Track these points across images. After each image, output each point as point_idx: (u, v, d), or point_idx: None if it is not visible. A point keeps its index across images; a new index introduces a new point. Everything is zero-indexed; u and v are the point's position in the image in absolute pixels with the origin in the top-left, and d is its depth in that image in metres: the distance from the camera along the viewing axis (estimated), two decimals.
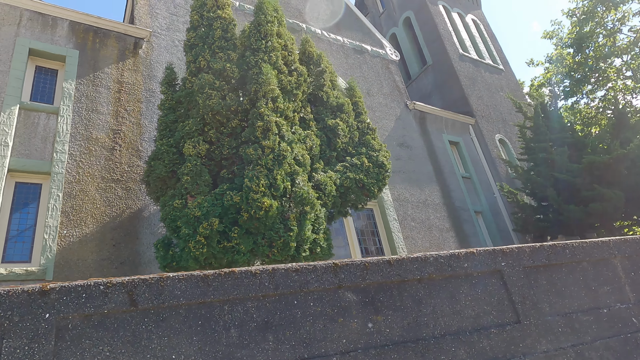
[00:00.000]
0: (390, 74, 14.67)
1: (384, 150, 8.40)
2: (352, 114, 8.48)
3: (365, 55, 14.43)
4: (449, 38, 17.72)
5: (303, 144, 7.01)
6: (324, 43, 13.43)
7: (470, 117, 15.59)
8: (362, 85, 13.34)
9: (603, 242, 3.73)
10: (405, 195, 11.88)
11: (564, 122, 11.21)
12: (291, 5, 13.54)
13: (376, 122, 12.80)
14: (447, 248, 11.62)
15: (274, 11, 7.77)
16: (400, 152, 12.73)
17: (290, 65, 7.40)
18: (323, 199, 6.86)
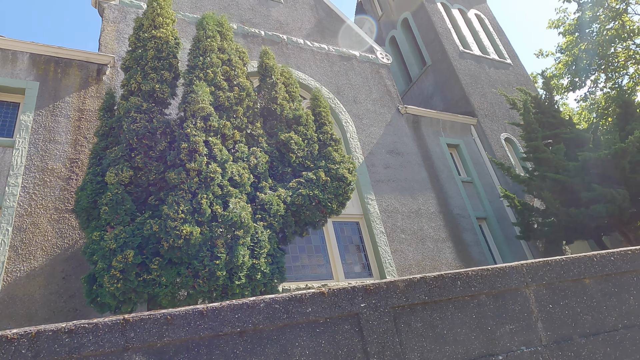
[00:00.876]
0: (381, 79, 14.07)
1: (348, 162, 7.85)
2: (312, 126, 8.01)
3: (353, 61, 13.93)
4: (448, 36, 16.91)
5: (245, 162, 6.61)
6: (307, 53, 13.06)
7: (471, 117, 14.69)
8: (348, 93, 12.85)
9: (512, 268, 3.06)
10: (394, 205, 11.19)
11: (561, 117, 10.17)
12: (271, 18, 13.30)
13: (363, 129, 12.24)
14: (443, 260, 10.81)
15: (218, 25, 7.48)
16: (389, 159, 12.07)
17: (233, 80, 7.04)
18: (268, 219, 6.41)
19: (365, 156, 11.71)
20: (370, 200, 10.89)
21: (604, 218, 8.49)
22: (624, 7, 11.88)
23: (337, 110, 12.20)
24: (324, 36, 14.03)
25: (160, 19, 6.96)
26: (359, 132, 12.13)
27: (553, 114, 10.18)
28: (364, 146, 11.92)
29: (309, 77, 12.46)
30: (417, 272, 10.29)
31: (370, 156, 11.81)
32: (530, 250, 12.42)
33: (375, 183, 11.33)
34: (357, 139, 11.90)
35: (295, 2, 14.39)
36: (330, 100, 12.29)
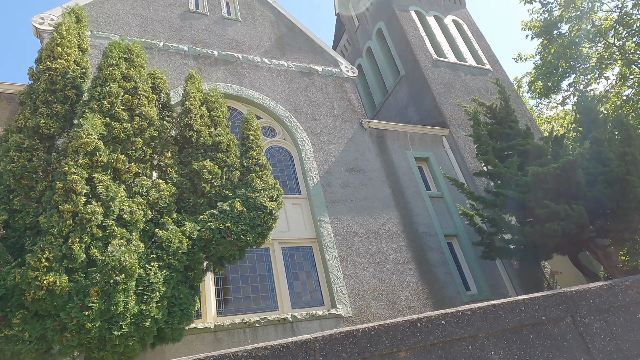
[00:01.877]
0: (345, 93, 13.58)
1: (272, 189, 7.36)
2: (234, 151, 7.57)
3: (314, 76, 13.49)
4: (421, 45, 16.36)
5: (145, 196, 6.18)
6: (263, 70, 12.68)
7: (442, 127, 14.04)
8: (306, 110, 12.40)
9: (300, 343, 2.49)
10: (351, 227, 10.60)
11: (518, 127, 9.44)
12: (227, 37, 12.99)
13: (321, 147, 11.73)
14: (404, 283, 10.14)
15: (125, 52, 7.13)
16: (349, 178, 11.51)
17: (135, 109, 6.65)
18: (166, 259, 5.94)
19: (322, 176, 11.19)
20: (323, 223, 10.34)
21: (561, 237, 7.75)
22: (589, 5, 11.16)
23: (292, 128, 11.75)
24: (284, 52, 13.65)
25: (59, 49, 6.65)
26: (316, 150, 11.63)
27: (510, 124, 9.48)
28: (321, 165, 11.40)
29: (264, 95, 12.07)
30: (373, 298, 9.66)
31: (327, 175, 11.28)
32: (505, 269, 11.63)
33: (330, 204, 10.77)
34: (313, 158, 11.40)
35: (255, 19, 14.09)
36: (286, 118, 11.86)
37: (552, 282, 11.81)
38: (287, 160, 11.54)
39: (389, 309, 9.66)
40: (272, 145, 11.63)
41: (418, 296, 10.13)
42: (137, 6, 12.20)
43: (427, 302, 10.11)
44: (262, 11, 14.49)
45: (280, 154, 11.58)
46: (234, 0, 14.23)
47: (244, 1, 14.43)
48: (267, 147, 11.49)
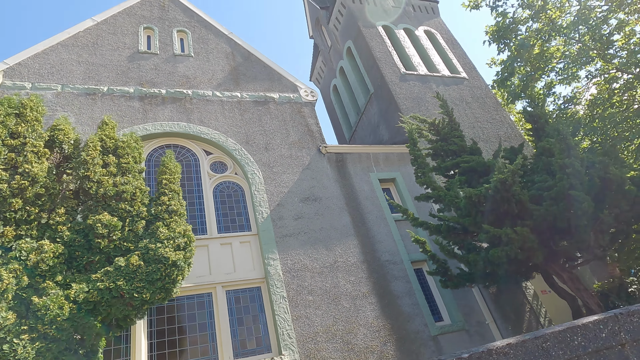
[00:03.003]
0: (303, 118, 13.10)
1: (181, 237, 6.85)
2: (140, 199, 7.12)
3: (270, 104, 13.09)
4: (388, 60, 15.80)
5: (22, 261, 5.77)
6: (214, 104, 12.37)
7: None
8: (259, 140, 11.95)
9: None
10: (303, 262, 9.94)
11: (462, 143, 8.62)
12: (177, 74, 12.79)
13: (273, 179, 11.21)
14: (362, 320, 9.35)
15: (16, 108, 6.87)
16: (303, 209, 10.90)
17: (20, 167, 6.31)
18: (41, 329, 5.46)
19: (272, 209, 10.63)
20: (272, 261, 9.72)
21: (510, 263, 6.88)
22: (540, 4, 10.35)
23: (243, 162, 11.29)
24: (239, 83, 13.34)
25: None
26: (268, 182, 11.11)
27: (454, 140, 8.70)
28: (272, 198, 10.86)
29: (214, 130, 11.71)
30: (325, 340, 8.90)
31: (279, 208, 10.71)
32: (481, 294, 10.66)
33: (281, 239, 10.17)
34: (263, 191, 10.88)
35: (209, 53, 13.90)
36: (236, 151, 11.43)
37: (535, 304, 10.74)
38: (237, 196, 11.05)
39: (343, 350, 8.87)
40: (223, 180, 11.19)
41: (378, 333, 9.30)
42: (83, 53, 12.18)
43: (388, 340, 9.26)
44: (216, 44, 14.32)
45: (231, 189, 11.11)
46: (188, 36, 14.12)
47: (199, 36, 14.31)
48: (217, 182, 11.06)
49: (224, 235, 10.06)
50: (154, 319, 8.54)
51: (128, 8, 14.09)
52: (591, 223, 6.73)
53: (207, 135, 11.53)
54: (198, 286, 9.10)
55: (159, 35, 13.68)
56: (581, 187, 6.52)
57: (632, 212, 6.69)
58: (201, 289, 9.15)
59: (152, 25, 13.89)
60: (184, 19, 14.62)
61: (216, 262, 9.57)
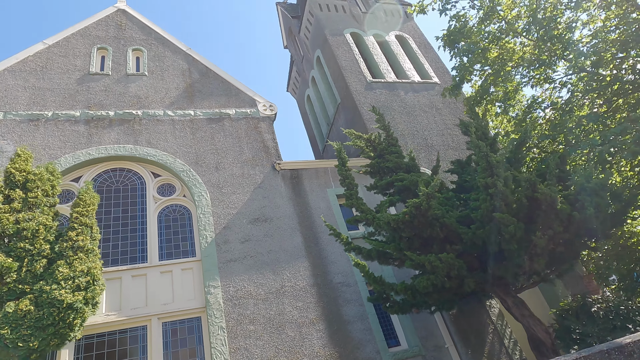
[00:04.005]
0: (259, 134, 12.65)
1: (82, 276, 6.43)
2: (44, 236, 6.73)
3: (225, 121, 12.68)
4: (354, 68, 15.30)
5: None
6: (165, 124, 12.00)
7: None
8: (209, 160, 11.53)
9: None
10: (247, 288, 9.45)
11: (398, 159, 7.99)
12: (129, 94, 12.47)
13: (221, 200, 10.76)
14: (307, 350, 8.80)
15: None
16: (251, 230, 10.42)
17: None
18: None
19: (218, 232, 10.18)
20: (212, 289, 9.26)
21: (442, 291, 6.29)
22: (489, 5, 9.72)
23: (190, 183, 10.88)
24: (193, 100, 12.97)
25: None
26: (215, 204, 10.67)
27: (389, 157, 8.11)
28: (219, 220, 10.40)
29: (162, 151, 11.33)
30: None
31: (225, 231, 10.25)
32: (441, 315, 10.02)
33: (225, 264, 9.70)
34: (210, 214, 10.44)
35: (165, 70, 13.58)
36: (184, 173, 11.03)
37: (500, 325, 10.06)
38: (184, 219, 10.63)
39: None
40: (170, 204, 10.79)
41: None
42: (30, 78, 11.94)
43: None
44: (173, 61, 13.99)
45: (177, 213, 10.70)
46: (144, 55, 13.82)
47: (155, 54, 14.01)
48: (164, 206, 10.66)
49: (165, 262, 9.63)
50: (81, 357, 8.12)
51: (83, 29, 13.87)
52: (524, 246, 6.12)
53: (154, 157, 11.15)
54: (132, 319, 8.66)
55: (113, 55, 13.41)
56: (508, 208, 5.92)
57: (568, 234, 6.06)
58: (135, 321, 8.71)
59: (107, 46, 13.62)
60: (140, 37, 14.34)
61: (154, 292, 9.13)
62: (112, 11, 14.86)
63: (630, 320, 8.01)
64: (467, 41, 9.48)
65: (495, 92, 10.61)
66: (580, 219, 5.87)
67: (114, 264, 9.37)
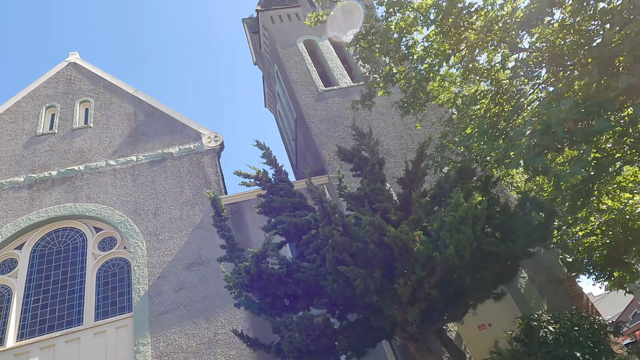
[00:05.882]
0: (202, 170, 12.31)
1: None
2: None
3: (167, 161, 12.46)
4: (305, 80, 14.57)
5: None
6: (106, 175, 11.98)
7: (320, 175, 12.01)
8: (149, 206, 11.36)
9: None
10: (178, 342, 9.12)
11: (293, 199, 7.06)
12: (73, 150, 12.59)
13: (158, 248, 10.54)
14: None
15: None
16: (187, 277, 10.10)
17: None
18: None
19: (152, 284, 9.95)
20: (142, 347, 9.03)
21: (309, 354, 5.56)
22: None
23: (128, 234, 10.76)
24: (137, 145, 12.87)
25: None
26: (151, 253, 10.46)
27: (274, 197, 7.33)
28: (154, 271, 10.18)
29: (102, 204, 11.31)
30: None
31: (159, 282, 10.01)
32: (393, 351, 9.16)
33: (156, 318, 9.45)
34: (144, 265, 10.24)
35: (110, 118, 13.61)
36: (122, 224, 10.92)
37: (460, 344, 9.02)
38: (123, 273, 10.52)
39: None
40: (110, 258, 10.73)
41: None
42: None
43: None
44: (119, 106, 14.00)
45: (117, 267, 10.61)
46: (91, 105, 13.95)
47: (102, 102, 14.09)
48: (105, 261, 10.63)
49: (100, 322, 9.54)
50: None
51: (33, 90, 14.24)
52: (389, 296, 5.26)
53: (93, 212, 11.15)
54: None
55: (61, 112, 13.64)
56: (358, 258, 5.09)
57: (437, 278, 5.12)
58: None
59: (55, 103, 13.89)
60: (89, 88, 14.51)
61: (86, 356, 9.06)
62: (63, 66, 15.16)
63: (580, 347, 6.82)
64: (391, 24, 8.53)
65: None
66: (443, 260, 4.92)
67: (49, 331, 9.41)
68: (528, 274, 10.19)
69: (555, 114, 5.00)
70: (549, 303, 9.69)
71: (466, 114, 9.06)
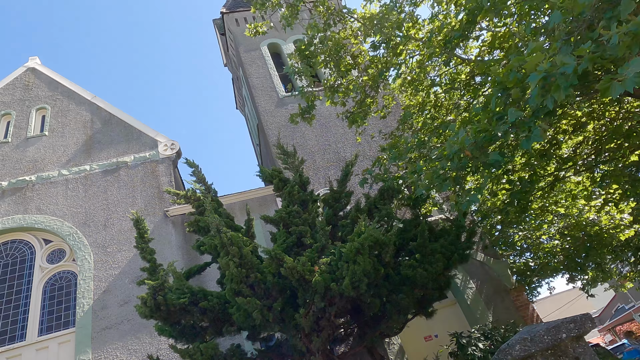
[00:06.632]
0: (155, 179, 12.18)
1: None
2: None
3: (121, 171, 12.32)
4: (266, 85, 14.42)
5: None
6: (58, 186, 11.83)
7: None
8: (99, 217, 11.24)
9: None
10: (120, 358, 9.05)
11: (208, 218, 6.98)
12: (26, 159, 12.42)
13: (105, 261, 10.43)
14: None
15: None
16: (132, 291, 10.02)
17: None
18: None
19: (97, 298, 9.87)
20: None
21: None
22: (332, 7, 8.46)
23: (76, 247, 10.65)
24: (91, 154, 12.70)
25: None
26: (98, 266, 10.36)
27: (200, 217, 7.25)
28: (100, 284, 10.09)
29: (51, 215, 11.17)
30: None
31: (105, 295, 9.92)
32: None
33: (99, 333, 9.38)
34: (91, 278, 10.15)
35: (65, 126, 13.42)
36: (70, 236, 10.81)
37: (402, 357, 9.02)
38: (70, 287, 10.42)
39: None
40: (58, 271, 10.63)
41: None
42: None
43: None
44: (77, 113, 13.80)
45: (64, 280, 10.51)
46: (48, 112, 13.75)
47: (59, 109, 13.89)
48: (52, 274, 10.53)
49: (43, 338, 9.47)
50: None
51: None
52: (292, 326, 5.20)
53: (42, 223, 11.02)
54: None
55: (16, 120, 13.43)
56: (258, 288, 5.01)
57: (340, 307, 5.06)
58: None
59: (11, 110, 13.68)
60: (46, 94, 14.29)
61: None
62: (21, 72, 14.91)
63: None
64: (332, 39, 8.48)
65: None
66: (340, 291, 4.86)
67: None
68: (476, 284, 10.18)
69: (451, 143, 4.94)
70: (495, 314, 9.69)
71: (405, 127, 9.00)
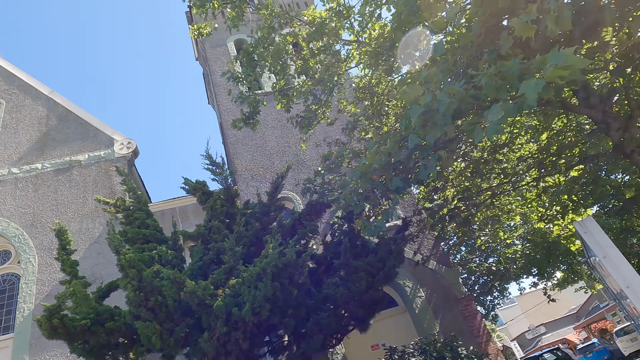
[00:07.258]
0: (109, 179, 11.89)
1: None
2: None
3: (74, 170, 12.01)
4: (229, 82, 14.09)
5: None
6: (7, 185, 11.50)
7: None
8: (47, 219, 10.96)
9: None
10: None
11: (139, 231, 6.75)
12: None
13: (50, 264, 10.20)
14: None
15: None
16: None
17: None
18: None
19: (38, 303, 9.64)
20: None
21: None
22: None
23: (20, 249, 10.39)
24: (44, 151, 12.36)
25: None
26: (42, 270, 10.13)
27: (128, 228, 6.98)
28: (43, 289, 9.86)
29: None
30: None
31: (47, 300, 9.67)
32: None
33: (38, 340, 9.15)
34: (34, 282, 9.91)
35: (20, 122, 13.03)
36: (16, 238, 10.53)
37: None
38: (13, 290, 10.19)
39: None
40: (2, 273, 10.38)
41: None
42: None
43: None
44: (32, 109, 13.41)
45: (7, 283, 10.27)
46: (2, 107, 13.34)
47: (14, 104, 13.47)
48: None
49: None
50: None
51: None
52: (198, 349, 5.04)
53: None
54: None
55: None
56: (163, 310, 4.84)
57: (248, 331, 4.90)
58: None
59: None
60: (2, 88, 13.85)
61: None
62: None
63: None
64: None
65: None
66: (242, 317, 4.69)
67: None
68: (426, 293, 10.09)
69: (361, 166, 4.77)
70: (443, 323, 9.62)
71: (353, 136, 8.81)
